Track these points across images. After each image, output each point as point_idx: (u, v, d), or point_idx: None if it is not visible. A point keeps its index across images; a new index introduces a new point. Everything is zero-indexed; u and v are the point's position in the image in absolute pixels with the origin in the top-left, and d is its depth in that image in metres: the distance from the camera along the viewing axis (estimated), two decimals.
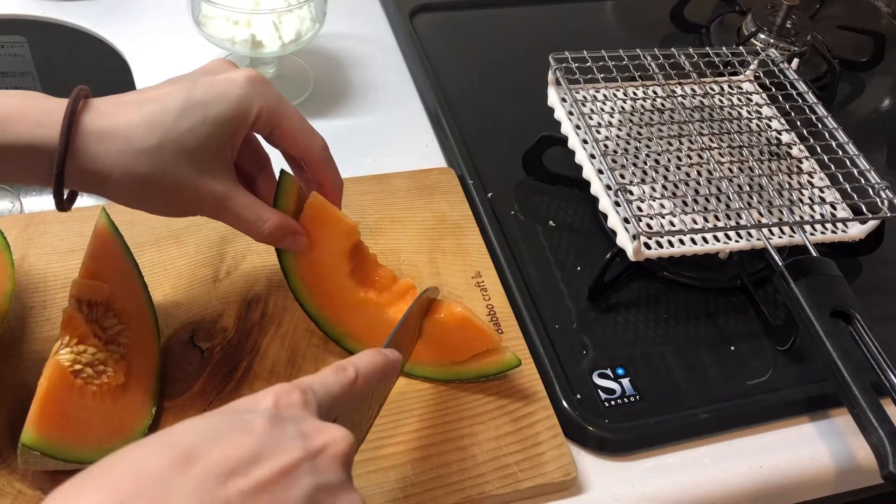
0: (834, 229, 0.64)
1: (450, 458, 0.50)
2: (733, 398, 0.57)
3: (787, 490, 0.55)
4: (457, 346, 0.52)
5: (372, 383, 0.41)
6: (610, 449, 0.53)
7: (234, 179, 0.47)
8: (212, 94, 0.45)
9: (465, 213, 0.65)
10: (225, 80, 0.46)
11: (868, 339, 0.54)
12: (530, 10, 0.92)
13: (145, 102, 0.44)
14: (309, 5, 0.71)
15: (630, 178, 0.65)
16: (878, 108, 0.88)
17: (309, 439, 0.34)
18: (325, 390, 0.38)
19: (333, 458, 0.34)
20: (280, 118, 0.48)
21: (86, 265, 0.50)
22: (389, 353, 0.43)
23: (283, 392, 0.35)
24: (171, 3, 0.84)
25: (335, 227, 0.52)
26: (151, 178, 0.44)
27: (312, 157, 0.50)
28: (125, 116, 0.43)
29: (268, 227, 0.48)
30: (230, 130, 0.46)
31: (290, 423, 0.34)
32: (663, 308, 0.62)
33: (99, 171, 0.43)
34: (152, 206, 0.47)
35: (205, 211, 0.47)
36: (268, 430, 0.33)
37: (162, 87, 0.46)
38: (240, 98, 0.45)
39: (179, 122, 0.44)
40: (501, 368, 0.53)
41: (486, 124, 0.76)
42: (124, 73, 0.77)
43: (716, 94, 0.73)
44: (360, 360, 0.41)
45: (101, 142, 0.43)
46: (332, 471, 0.34)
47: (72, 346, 0.46)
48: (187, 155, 0.44)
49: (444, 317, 0.52)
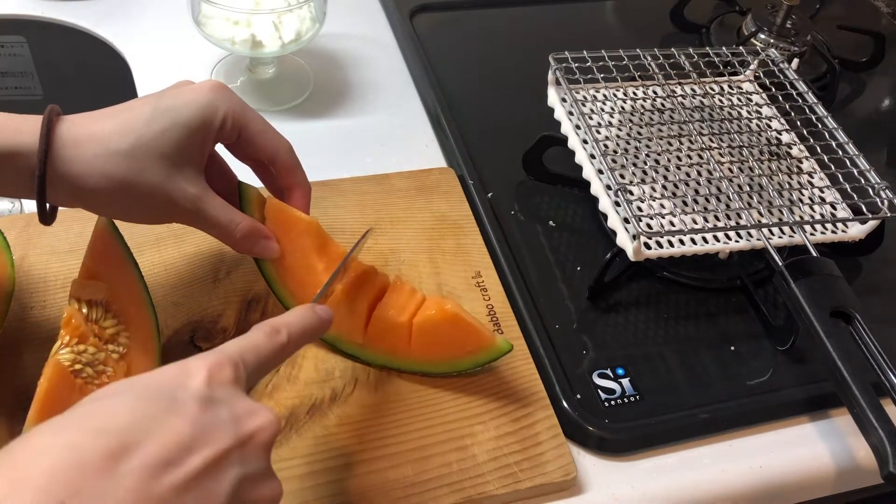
0: (834, 229, 0.64)
1: (450, 458, 0.50)
2: (733, 398, 0.57)
3: (787, 490, 0.55)
4: (449, 345, 0.52)
5: (302, 344, 0.42)
6: (610, 449, 0.53)
7: (206, 184, 0.49)
8: (179, 101, 0.47)
9: (465, 213, 0.65)
10: (190, 89, 0.48)
11: (868, 339, 0.54)
12: (530, 10, 0.92)
13: (117, 113, 0.46)
14: (309, 5, 0.71)
15: (630, 178, 0.65)
16: (878, 108, 0.88)
17: (240, 425, 0.34)
18: (256, 358, 0.38)
19: (260, 446, 0.35)
20: (246, 121, 0.49)
21: (85, 265, 0.50)
22: (322, 312, 0.44)
23: (215, 367, 0.35)
24: (171, 3, 0.84)
25: (297, 226, 0.52)
26: (127, 181, 0.45)
27: (280, 159, 0.52)
28: (99, 125, 0.45)
29: (240, 229, 0.49)
30: (200, 134, 0.47)
31: (223, 405, 0.34)
32: (663, 308, 0.62)
33: (77, 176, 0.44)
34: (128, 212, 0.48)
35: (179, 215, 0.48)
36: (200, 415, 0.33)
37: (131, 102, 0.47)
38: (206, 103, 0.47)
39: (151, 126, 0.45)
40: (494, 355, 0.52)
41: (486, 124, 0.76)
42: (124, 73, 0.77)
43: (716, 94, 0.73)
44: (294, 321, 0.41)
45: (78, 146, 0.44)
46: (258, 459, 0.34)
47: (72, 345, 0.46)
48: (161, 158, 0.46)
49: (434, 314, 0.51)
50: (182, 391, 0.33)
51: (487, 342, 0.51)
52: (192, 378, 0.34)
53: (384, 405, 0.52)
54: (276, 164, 0.52)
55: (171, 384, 0.34)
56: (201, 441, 0.32)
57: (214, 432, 0.33)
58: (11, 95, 0.90)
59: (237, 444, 0.33)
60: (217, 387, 0.35)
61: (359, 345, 0.53)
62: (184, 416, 0.32)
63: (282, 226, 0.52)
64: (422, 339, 0.52)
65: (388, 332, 0.52)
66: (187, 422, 0.32)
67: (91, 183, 0.44)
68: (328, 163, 0.70)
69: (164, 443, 0.31)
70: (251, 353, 0.38)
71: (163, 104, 0.46)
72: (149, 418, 0.32)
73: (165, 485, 0.30)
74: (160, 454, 0.31)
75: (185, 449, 0.31)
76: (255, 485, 0.34)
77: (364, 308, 0.52)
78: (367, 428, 0.51)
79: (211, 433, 0.33)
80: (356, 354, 0.54)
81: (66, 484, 0.28)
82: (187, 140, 0.46)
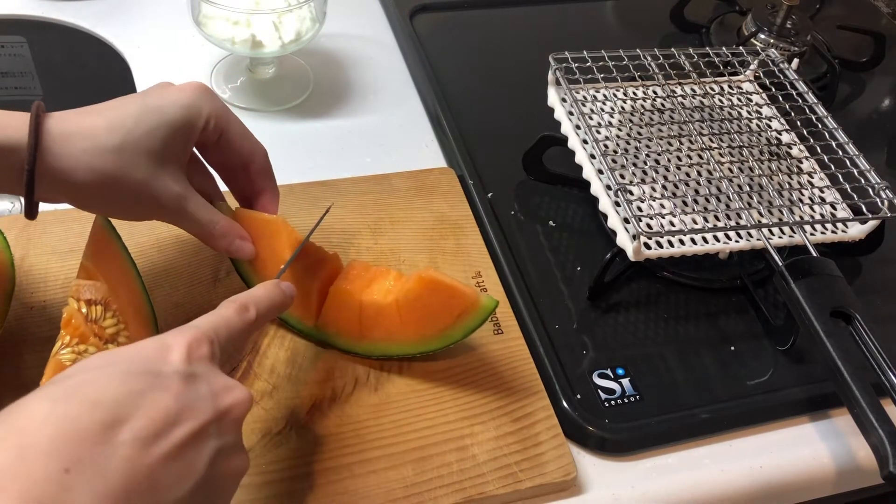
0: (834, 229, 0.64)
1: (450, 458, 0.50)
2: (733, 398, 0.57)
3: (787, 490, 0.55)
4: (438, 312, 0.51)
5: (268, 319, 0.44)
6: (610, 449, 0.53)
7: (188, 183, 0.50)
8: (165, 101, 0.48)
9: (465, 213, 0.65)
10: (175, 89, 0.49)
11: (868, 339, 0.54)
12: (530, 10, 0.92)
13: (105, 110, 0.47)
14: (309, 5, 0.71)
15: (630, 178, 0.65)
16: (878, 108, 0.88)
17: (217, 400, 0.36)
18: (227, 334, 0.40)
19: (235, 421, 0.37)
20: (227, 123, 0.51)
21: (83, 266, 0.50)
22: (286, 288, 0.46)
23: (193, 344, 0.37)
24: (171, 3, 0.84)
25: (266, 227, 0.53)
26: (114, 177, 0.46)
27: (256, 162, 0.53)
28: (88, 121, 0.46)
29: (219, 228, 0.51)
30: (184, 134, 0.48)
31: (202, 380, 0.36)
32: (663, 308, 0.62)
33: (65, 171, 0.44)
34: (113, 208, 0.49)
35: (163, 212, 0.49)
36: (183, 390, 0.35)
37: (117, 100, 0.48)
38: (190, 104, 0.48)
39: (139, 125, 0.46)
40: (483, 315, 0.51)
41: (486, 124, 0.76)
42: (124, 73, 0.77)
43: (716, 94, 0.73)
44: (261, 297, 0.44)
45: (67, 141, 0.44)
46: (232, 432, 0.37)
47: (72, 345, 0.46)
48: (147, 156, 0.46)
49: (414, 285, 0.51)
50: (165, 366, 0.36)
51: (472, 300, 0.50)
52: (171, 353, 0.36)
53: (384, 405, 0.52)
54: (252, 167, 0.53)
55: (153, 358, 0.36)
56: (185, 415, 0.35)
57: (196, 406, 0.35)
58: (11, 95, 0.90)
59: (215, 418, 0.36)
60: (196, 362, 0.37)
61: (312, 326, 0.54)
62: (168, 391, 0.35)
63: (255, 230, 0.53)
64: (411, 315, 0.52)
65: (380, 317, 0.52)
66: (171, 396, 0.35)
67: (79, 178, 0.45)
68: (328, 163, 0.70)
69: (152, 416, 0.33)
70: (224, 329, 0.40)
71: (150, 103, 0.47)
72: (136, 392, 0.34)
73: (154, 455, 0.33)
74: (149, 427, 0.33)
75: (170, 422, 0.34)
76: (228, 457, 0.36)
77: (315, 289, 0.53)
78: (367, 428, 0.51)
79: (193, 407, 0.35)
80: (355, 351, 0.54)
81: (68, 452, 0.31)
82: (172, 139, 0.47)
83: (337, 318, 0.53)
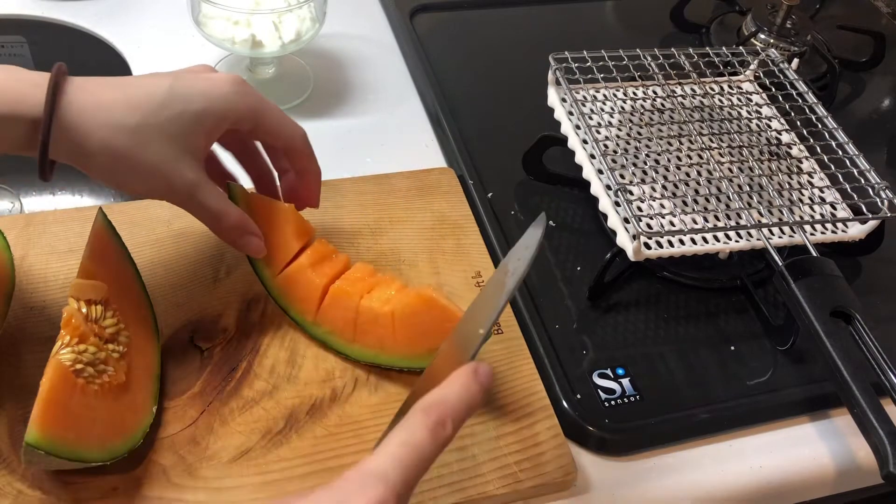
0: (834, 229, 0.64)
1: (450, 458, 0.50)
2: (733, 398, 0.57)
3: (787, 490, 0.55)
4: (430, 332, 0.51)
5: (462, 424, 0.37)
6: (610, 449, 0.53)
7: (204, 172, 0.49)
8: (194, 90, 0.47)
9: (465, 213, 0.65)
10: (206, 79, 0.48)
11: (868, 339, 0.54)
12: (530, 10, 0.92)
13: (128, 85, 0.46)
14: (309, 5, 0.71)
15: (630, 178, 0.65)
16: (878, 108, 0.88)
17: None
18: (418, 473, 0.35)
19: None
20: (262, 115, 0.50)
21: (83, 266, 0.50)
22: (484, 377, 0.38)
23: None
24: (171, 3, 0.84)
25: (277, 215, 0.53)
26: (127, 155, 0.45)
27: (296, 146, 0.53)
28: (109, 94, 0.45)
29: (229, 219, 0.50)
30: (208, 126, 0.48)
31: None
32: (663, 308, 0.62)
33: (79, 143, 0.44)
34: (123, 183, 0.48)
35: (174, 197, 0.49)
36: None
37: (145, 77, 0.48)
38: (220, 97, 0.48)
39: (162, 109, 0.46)
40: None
41: (486, 124, 0.76)
42: (124, 72, 0.77)
43: (716, 94, 0.73)
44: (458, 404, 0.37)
45: (83, 113, 0.44)
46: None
47: (72, 345, 0.46)
48: (165, 141, 0.46)
49: (413, 300, 0.51)
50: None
51: None
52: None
53: (384, 405, 0.52)
54: (291, 150, 0.54)
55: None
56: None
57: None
58: None
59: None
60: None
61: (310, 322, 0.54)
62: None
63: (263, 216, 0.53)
64: (404, 329, 0.51)
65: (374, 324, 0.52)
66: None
67: (92, 149, 0.45)
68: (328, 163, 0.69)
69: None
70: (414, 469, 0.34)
71: (178, 89, 0.46)
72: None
73: None
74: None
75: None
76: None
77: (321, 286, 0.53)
78: (367, 428, 0.51)
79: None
80: (346, 352, 0.53)
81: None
82: (193, 130, 0.47)
83: (333, 317, 0.53)
